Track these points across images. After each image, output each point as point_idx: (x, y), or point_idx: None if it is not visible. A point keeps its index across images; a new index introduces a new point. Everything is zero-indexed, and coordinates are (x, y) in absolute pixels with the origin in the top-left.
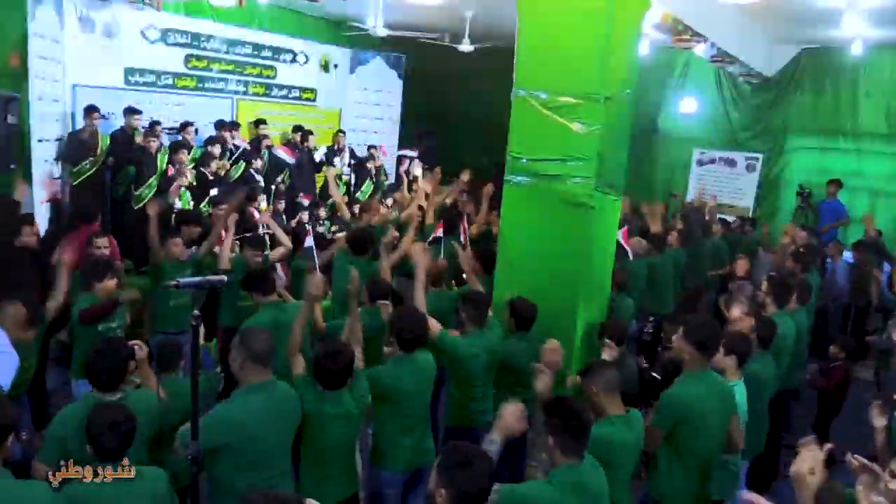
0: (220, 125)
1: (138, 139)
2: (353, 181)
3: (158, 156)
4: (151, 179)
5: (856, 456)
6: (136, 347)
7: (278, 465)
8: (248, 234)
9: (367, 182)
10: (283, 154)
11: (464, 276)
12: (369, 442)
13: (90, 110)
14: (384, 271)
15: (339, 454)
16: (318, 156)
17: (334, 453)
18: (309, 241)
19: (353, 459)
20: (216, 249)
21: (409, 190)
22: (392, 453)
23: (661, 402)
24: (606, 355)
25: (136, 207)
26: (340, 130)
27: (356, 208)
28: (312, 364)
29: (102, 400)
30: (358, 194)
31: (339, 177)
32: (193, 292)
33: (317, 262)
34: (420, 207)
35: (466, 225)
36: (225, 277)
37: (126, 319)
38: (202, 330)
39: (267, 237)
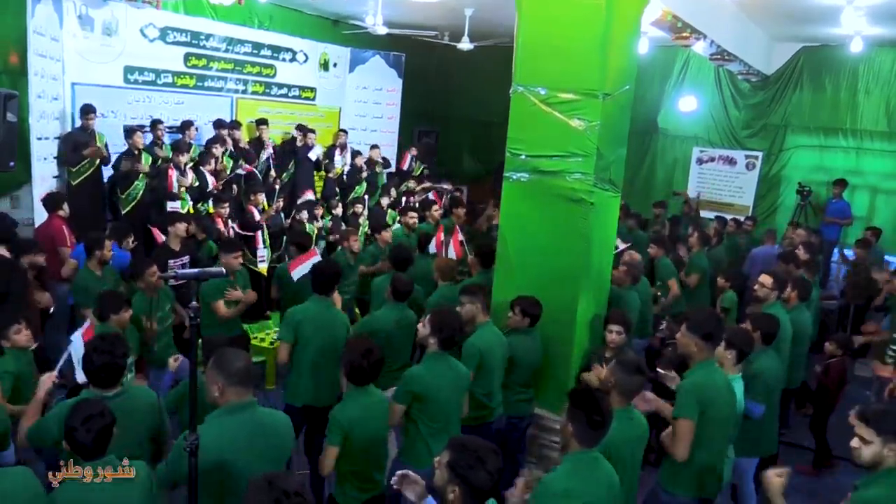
0: (218, 124)
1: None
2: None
3: (143, 156)
4: (137, 182)
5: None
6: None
7: (235, 493)
8: (228, 239)
9: (361, 184)
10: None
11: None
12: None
13: (86, 110)
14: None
15: (370, 449)
16: (314, 155)
17: (367, 449)
18: (317, 259)
19: (383, 453)
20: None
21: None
22: (423, 452)
23: (682, 393)
24: (613, 341)
25: (123, 211)
26: (343, 129)
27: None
28: (343, 363)
29: (100, 396)
30: (351, 195)
31: (341, 175)
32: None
33: None
34: None
35: (460, 237)
36: (223, 270)
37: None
38: None
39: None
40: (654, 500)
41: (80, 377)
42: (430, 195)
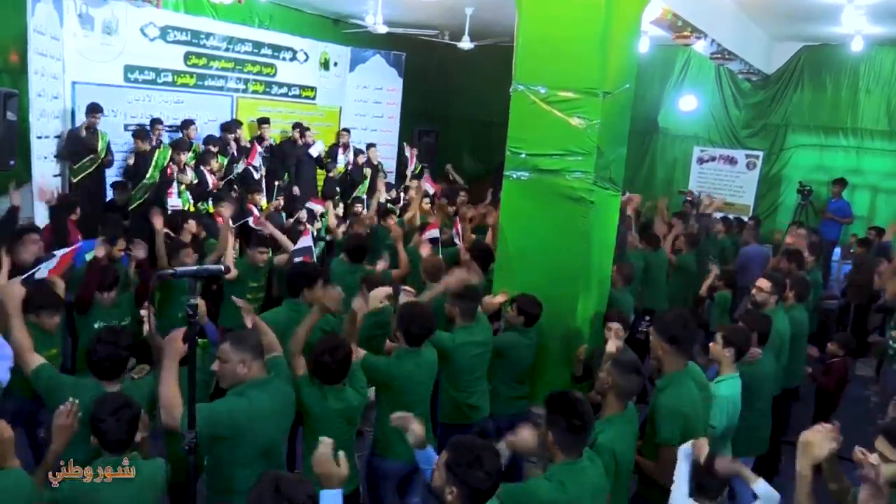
0: (226, 128)
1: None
2: (349, 179)
3: (158, 152)
4: (144, 180)
5: (862, 449)
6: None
7: (275, 459)
8: (252, 231)
9: (365, 181)
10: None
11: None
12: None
13: (93, 109)
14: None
15: (342, 449)
16: (315, 151)
17: (338, 448)
18: (307, 241)
19: (353, 453)
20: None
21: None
22: (396, 446)
23: (660, 416)
24: (612, 342)
25: (129, 208)
26: (345, 129)
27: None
28: (312, 361)
29: (103, 389)
30: (355, 193)
31: (344, 174)
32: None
33: (314, 259)
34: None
35: (459, 227)
36: (223, 267)
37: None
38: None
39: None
40: None
41: (41, 274)
42: (426, 182)
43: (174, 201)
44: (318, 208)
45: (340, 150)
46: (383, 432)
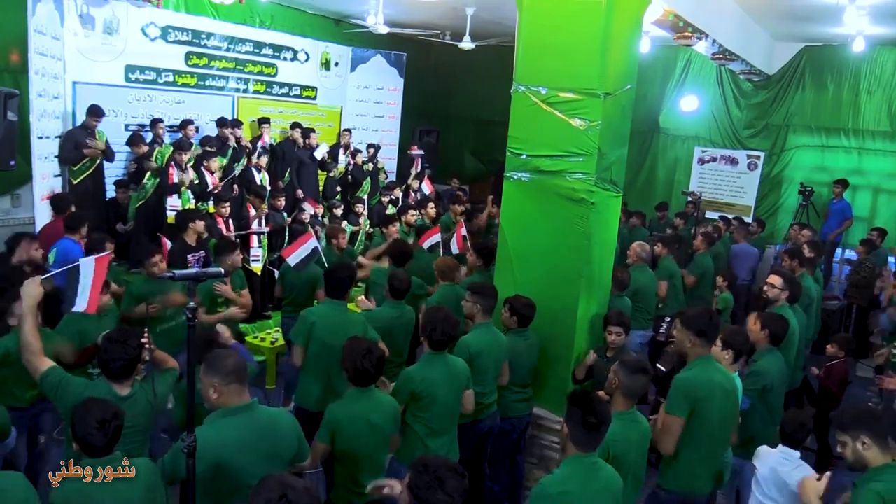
0: (221, 123)
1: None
2: (350, 180)
3: (157, 152)
4: (146, 181)
5: None
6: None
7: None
8: (224, 241)
9: (367, 181)
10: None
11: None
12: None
13: (95, 112)
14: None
15: (364, 455)
16: (320, 153)
17: (359, 453)
18: (313, 243)
19: (381, 460)
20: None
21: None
22: (420, 452)
23: (673, 389)
24: (613, 343)
25: (131, 209)
26: (347, 129)
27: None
28: (344, 366)
29: (115, 392)
30: (358, 192)
31: (344, 174)
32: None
33: (325, 262)
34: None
35: (464, 232)
36: (221, 270)
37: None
38: None
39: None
40: (653, 498)
41: (78, 306)
42: (425, 186)
43: (174, 201)
44: (311, 210)
45: (342, 150)
46: (407, 440)
